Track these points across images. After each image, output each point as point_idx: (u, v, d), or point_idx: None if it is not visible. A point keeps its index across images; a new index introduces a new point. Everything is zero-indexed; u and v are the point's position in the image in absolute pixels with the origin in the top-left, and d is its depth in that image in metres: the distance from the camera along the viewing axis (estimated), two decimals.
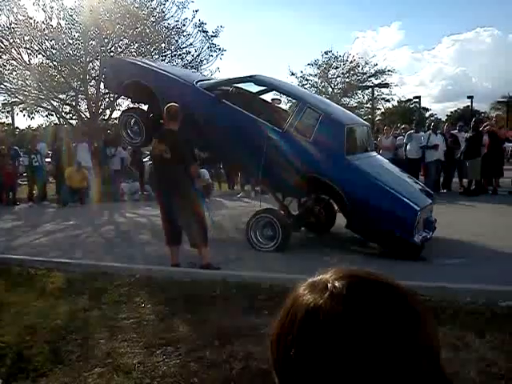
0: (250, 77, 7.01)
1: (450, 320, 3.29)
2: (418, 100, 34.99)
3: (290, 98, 7.39)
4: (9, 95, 16.65)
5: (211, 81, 7.84)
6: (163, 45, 16.46)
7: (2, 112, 21.57)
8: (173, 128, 5.39)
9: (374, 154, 7.51)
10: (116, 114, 20.21)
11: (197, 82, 7.09)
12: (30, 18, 15.03)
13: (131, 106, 8.11)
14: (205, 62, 16.98)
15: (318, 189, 6.59)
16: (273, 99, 8.13)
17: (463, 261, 5.53)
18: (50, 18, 15.30)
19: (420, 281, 4.26)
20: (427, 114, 43.62)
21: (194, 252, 5.49)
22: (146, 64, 7.86)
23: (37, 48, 15.55)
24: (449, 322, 3.25)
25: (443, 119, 38.51)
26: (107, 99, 17.25)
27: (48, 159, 14.54)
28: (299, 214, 7.12)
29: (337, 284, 0.62)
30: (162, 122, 6.24)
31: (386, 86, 29.76)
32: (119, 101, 17.75)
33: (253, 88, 7.46)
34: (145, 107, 8.10)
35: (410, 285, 4.06)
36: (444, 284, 4.11)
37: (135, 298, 4.20)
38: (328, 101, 8.57)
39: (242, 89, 7.25)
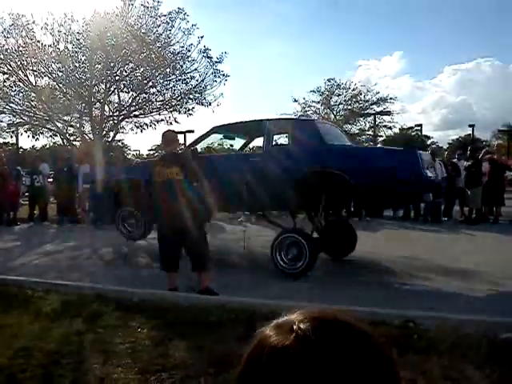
0: (212, 129, 7.31)
1: (449, 351, 3.24)
2: (419, 128, 35.27)
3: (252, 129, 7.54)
4: (14, 116, 16.80)
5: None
6: (168, 70, 16.68)
7: (7, 132, 21.76)
8: (174, 151, 5.45)
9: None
10: (119, 136, 20.45)
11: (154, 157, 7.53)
12: (38, 42, 15.31)
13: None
14: (209, 87, 17.18)
15: (322, 192, 6.33)
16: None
17: (462, 290, 5.48)
18: (58, 42, 15.58)
19: (417, 309, 4.23)
20: (429, 142, 43.81)
21: (193, 275, 5.46)
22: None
23: (43, 70, 15.78)
24: (448, 354, 3.20)
25: (445, 147, 38.70)
26: (111, 121, 17.43)
27: (50, 179, 14.60)
28: (318, 234, 6.91)
29: (302, 326, 0.63)
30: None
31: (388, 113, 30.04)
32: (123, 123, 17.94)
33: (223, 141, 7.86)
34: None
35: (409, 314, 4.02)
36: (443, 314, 4.06)
37: (131, 322, 4.15)
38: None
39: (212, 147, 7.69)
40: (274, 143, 6.84)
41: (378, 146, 6.90)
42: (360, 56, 78.90)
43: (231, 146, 8.21)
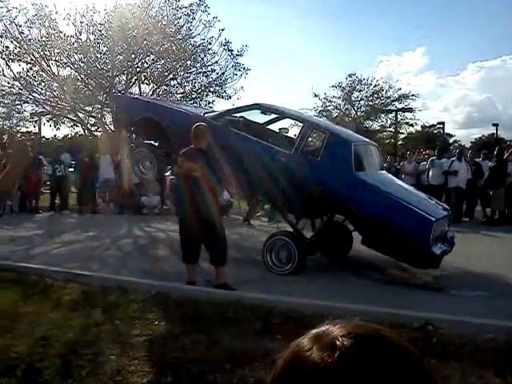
0: (256, 104, 7.20)
1: (470, 357, 3.18)
2: (441, 126, 34.73)
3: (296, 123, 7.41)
4: (36, 105, 17.02)
5: (217, 111, 7.96)
6: (189, 62, 16.71)
7: (30, 121, 22.06)
8: (201, 147, 5.43)
9: (384, 172, 7.45)
10: None
11: (204, 114, 7.29)
12: (61, 32, 15.47)
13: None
14: (229, 80, 17.18)
15: (330, 209, 6.55)
16: (280, 129, 8.21)
17: (483, 294, 5.38)
18: (80, 33, 15.74)
19: (436, 313, 4.16)
20: (451, 140, 43.19)
21: (211, 269, 5.47)
22: (153, 100, 8.06)
23: (66, 61, 15.95)
24: (468, 359, 3.15)
25: (467, 146, 38.08)
26: None
27: (71, 169, 14.76)
28: (313, 236, 6.96)
29: (346, 343, 0.58)
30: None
31: (410, 110, 29.59)
32: None
33: (259, 117, 7.59)
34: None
35: (428, 317, 3.96)
36: (464, 318, 3.99)
37: (149, 315, 4.17)
38: (333, 124, 8.73)
39: (247, 119, 7.37)
40: (304, 147, 6.59)
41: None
42: (381, 51, 77.88)
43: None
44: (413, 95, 29.54)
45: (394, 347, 0.60)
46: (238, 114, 7.14)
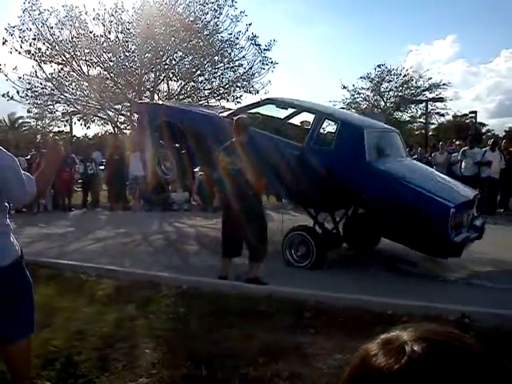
0: (268, 99, 7.29)
1: (509, 352, 3.10)
2: (474, 115, 33.92)
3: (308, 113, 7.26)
4: (68, 105, 17.35)
5: (231, 109, 7.97)
6: (216, 57, 16.74)
7: (62, 121, 22.56)
8: (242, 140, 5.42)
9: (406, 158, 7.21)
10: None
11: (219, 113, 7.33)
12: (90, 32, 15.71)
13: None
14: (256, 74, 17.14)
15: (347, 201, 6.42)
16: (301, 122, 8.16)
17: None
18: (109, 32, 15.94)
19: (472, 306, 4.07)
20: (484, 130, 42.15)
21: (240, 264, 5.49)
22: (170, 104, 8.17)
23: (95, 60, 16.19)
24: (507, 355, 3.06)
25: (501, 135, 37.11)
26: None
27: (102, 167, 15.01)
28: (333, 229, 6.88)
29: (416, 348, 0.55)
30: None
31: (441, 100, 28.94)
32: None
33: (274, 112, 7.56)
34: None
35: (463, 310, 3.88)
36: (503, 312, 3.89)
37: (181, 309, 4.21)
38: (348, 111, 8.58)
39: (263, 114, 7.40)
40: (317, 137, 6.53)
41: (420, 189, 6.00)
42: (411, 40, 76.27)
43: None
44: (444, 84, 28.91)
45: (470, 354, 0.55)
46: (253, 111, 7.18)
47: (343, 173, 6.08)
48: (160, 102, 9.21)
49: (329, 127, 6.96)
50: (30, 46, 15.48)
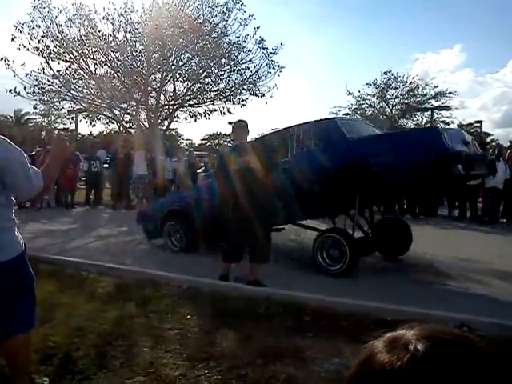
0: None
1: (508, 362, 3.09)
2: (479, 124, 33.88)
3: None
4: (74, 103, 17.40)
5: None
6: (223, 60, 16.77)
7: (67, 118, 22.65)
8: (244, 141, 5.51)
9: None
10: (173, 125, 20.84)
11: None
12: (99, 31, 15.76)
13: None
14: (263, 78, 17.17)
15: (354, 188, 6.10)
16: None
17: None
18: (118, 31, 15.99)
19: (472, 314, 4.06)
20: (489, 139, 42.07)
21: (238, 265, 5.50)
22: None
23: (103, 59, 16.24)
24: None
25: (506, 145, 37.01)
26: (166, 110, 17.77)
27: (106, 165, 15.06)
28: (368, 231, 6.78)
29: (419, 346, 0.56)
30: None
31: (447, 108, 28.91)
32: (177, 112, 18.24)
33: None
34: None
35: (462, 318, 3.87)
36: (502, 321, 3.88)
37: (181, 309, 4.22)
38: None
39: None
40: (298, 147, 6.60)
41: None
42: (417, 49, 76.41)
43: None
44: (450, 93, 28.85)
45: (472, 353, 0.56)
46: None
47: (335, 158, 6.14)
48: None
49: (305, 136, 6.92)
50: (39, 42, 15.55)
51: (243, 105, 17.45)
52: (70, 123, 24.43)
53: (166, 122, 18.32)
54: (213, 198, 6.50)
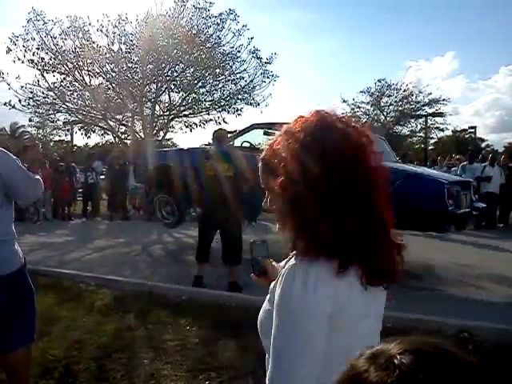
0: (253, 125, 7.34)
1: (508, 367, 3.10)
2: (473, 130, 34.08)
3: None
4: (69, 114, 17.42)
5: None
6: (218, 70, 16.84)
7: (62, 130, 22.60)
8: (223, 148, 5.66)
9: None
10: (169, 135, 20.87)
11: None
12: (94, 43, 15.82)
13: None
14: (257, 87, 17.24)
15: None
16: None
17: None
18: (112, 43, 16.07)
19: (470, 320, 4.07)
20: (483, 145, 42.28)
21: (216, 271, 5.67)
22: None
23: (98, 70, 16.29)
24: (506, 370, 3.06)
25: (500, 150, 37.21)
26: (161, 121, 17.80)
27: (102, 176, 15.03)
28: None
29: (404, 361, 0.55)
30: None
31: (441, 115, 29.08)
32: (173, 123, 18.28)
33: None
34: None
35: (461, 324, 3.88)
36: (502, 326, 3.89)
37: (180, 320, 4.21)
38: None
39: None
40: None
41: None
42: (410, 56, 76.75)
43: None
44: (443, 99, 29.05)
45: (457, 362, 0.56)
46: (241, 138, 7.32)
47: None
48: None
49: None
50: (34, 55, 15.59)
51: (238, 114, 17.51)
52: (66, 135, 24.33)
53: (161, 133, 18.39)
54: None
